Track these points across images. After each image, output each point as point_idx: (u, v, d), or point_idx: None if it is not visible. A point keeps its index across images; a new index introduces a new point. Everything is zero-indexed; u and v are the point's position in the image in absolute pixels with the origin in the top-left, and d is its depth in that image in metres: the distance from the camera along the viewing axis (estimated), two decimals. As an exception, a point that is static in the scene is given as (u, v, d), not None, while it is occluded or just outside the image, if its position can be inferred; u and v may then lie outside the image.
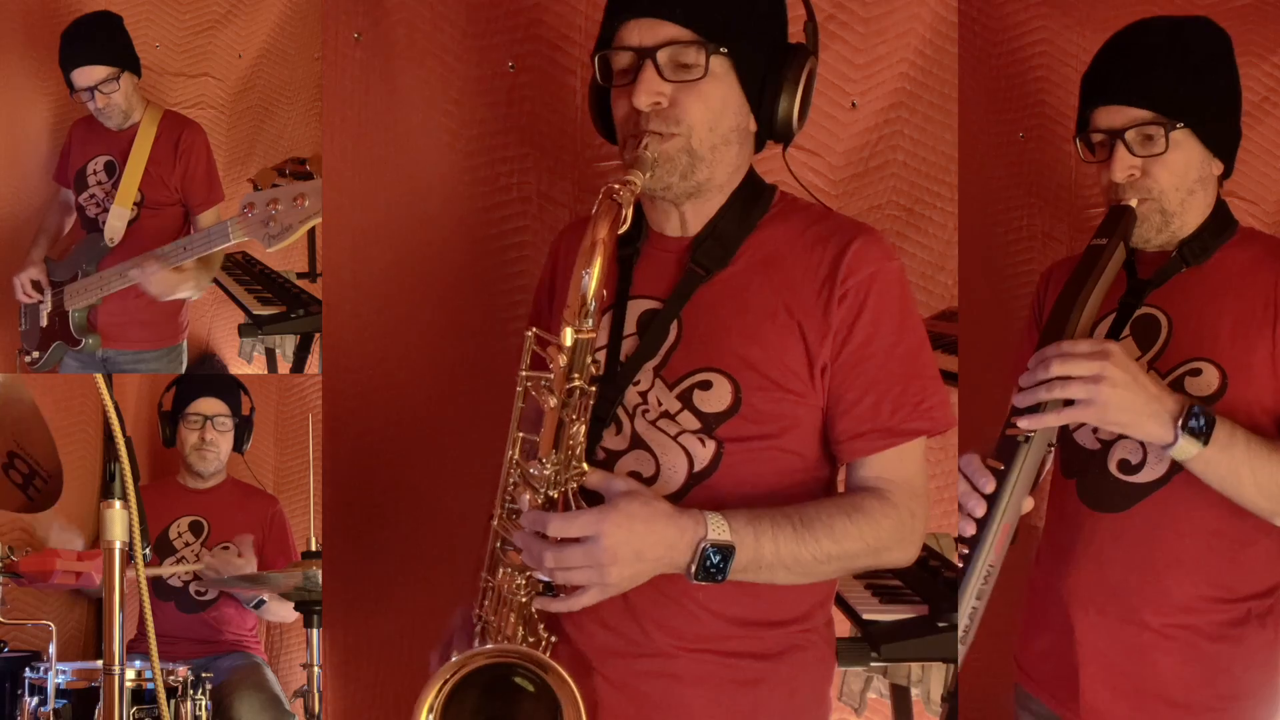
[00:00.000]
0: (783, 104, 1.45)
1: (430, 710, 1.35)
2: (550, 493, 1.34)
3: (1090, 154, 1.65)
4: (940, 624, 1.87)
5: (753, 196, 1.50)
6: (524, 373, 1.39)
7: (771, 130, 1.47)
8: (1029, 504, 1.57)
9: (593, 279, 1.29)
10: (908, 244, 2.24)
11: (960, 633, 1.54)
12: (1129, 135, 1.57)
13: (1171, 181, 1.58)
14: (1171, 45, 1.61)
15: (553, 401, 1.33)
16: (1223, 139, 1.63)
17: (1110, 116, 1.60)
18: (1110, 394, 1.45)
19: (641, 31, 1.40)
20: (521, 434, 1.41)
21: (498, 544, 1.44)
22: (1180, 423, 1.45)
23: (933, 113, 2.21)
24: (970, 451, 1.62)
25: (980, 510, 1.53)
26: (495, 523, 1.44)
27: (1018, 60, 2.49)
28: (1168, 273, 1.63)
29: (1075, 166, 2.49)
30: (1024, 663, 1.78)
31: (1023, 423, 1.50)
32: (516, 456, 1.42)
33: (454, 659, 1.36)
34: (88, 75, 2.56)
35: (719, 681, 1.44)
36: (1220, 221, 1.64)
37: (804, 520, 1.37)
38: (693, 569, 1.33)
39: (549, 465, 1.33)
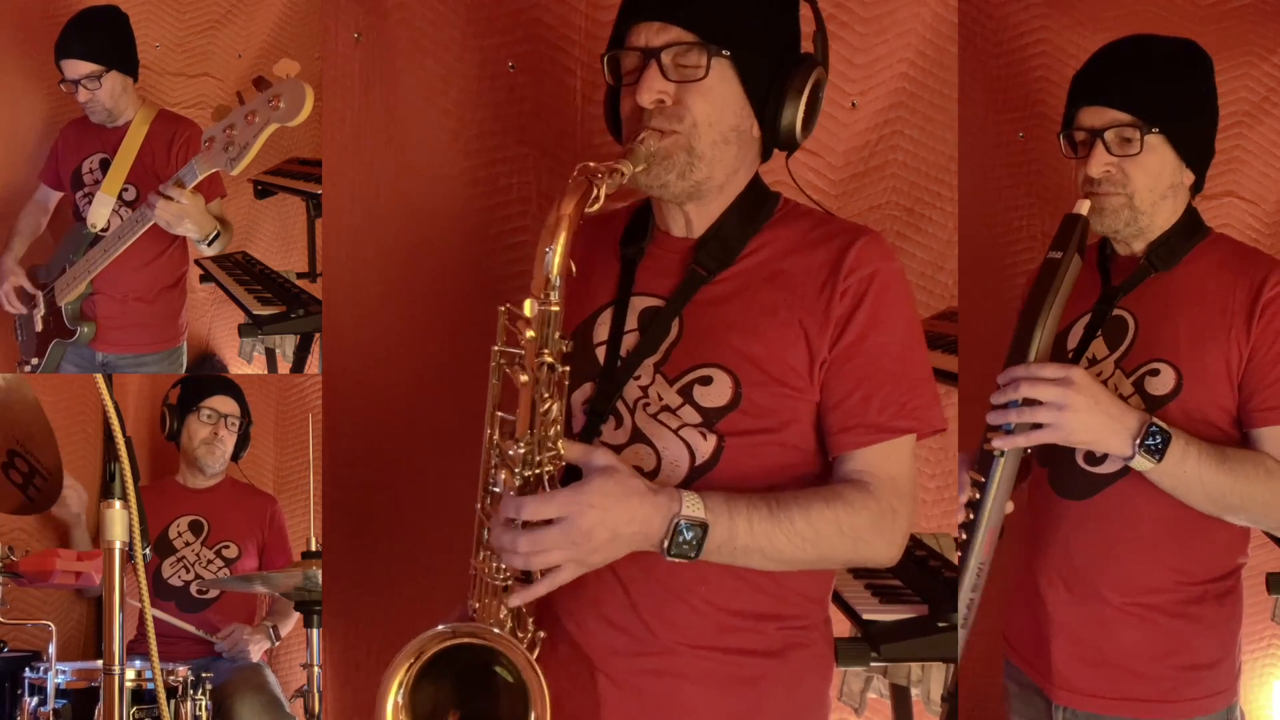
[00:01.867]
0: (786, 112, 1.47)
1: (400, 686, 1.35)
2: (526, 473, 1.33)
3: (1072, 151, 1.76)
4: (940, 624, 1.87)
5: (757, 201, 1.53)
6: (496, 348, 1.40)
7: (776, 138, 1.50)
8: (1010, 507, 1.71)
9: (555, 255, 1.31)
10: (908, 244, 2.24)
11: (960, 619, 1.71)
12: (1108, 135, 1.68)
13: (1146, 182, 1.70)
14: (1156, 58, 1.73)
15: (524, 377, 1.33)
16: (1196, 150, 1.73)
17: (1092, 116, 1.71)
18: (1073, 420, 1.58)
19: (648, 34, 1.44)
20: (500, 414, 1.41)
21: (483, 531, 1.43)
22: (1138, 442, 1.57)
23: (933, 113, 2.21)
24: (961, 454, 1.77)
25: (959, 518, 1.70)
26: (479, 507, 1.44)
27: (1018, 60, 2.49)
28: (1137, 278, 1.75)
29: (1075, 166, 2.49)
30: (1009, 635, 1.90)
31: (996, 442, 1.65)
32: (496, 437, 1.41)
33: (415, 639, 1.38)
34: (73, 68, 2.56)
35: (720, 679, 1.44)
36: (1189, 227, 1.75)
37: (780, 503, 1.38)
38: (666, 544, 1.33)
39: (523, 445, 1.33)
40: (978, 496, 1.67)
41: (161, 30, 2.90)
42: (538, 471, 1.34)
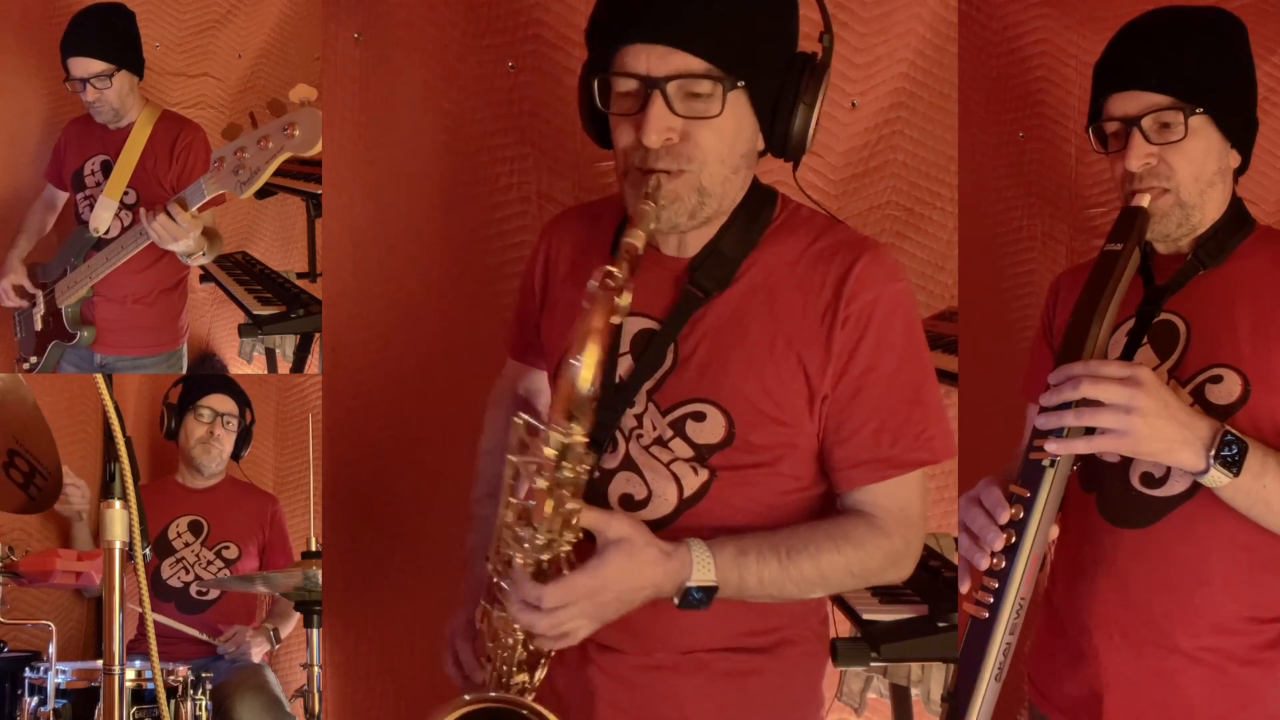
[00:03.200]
0: (797, 125, 1.37)
1: None
2: (543, 557, 1.31)
3: (1103, 146, 1.57)
4: (940, 624, 1.87)
5: (755, 211, 1.43)
6: (513, 458, 1.32)
7: (784, 149, 1.39)
8: (1054, 531, 1.49)
9: (584, 367, 1.23)
10: (908, 244, 2.24)
11: (995, 670, 1.42)
12: (1145, 122, 1.49)
13: (1191, 171, 1.51)
14: (1189, 31, 1.54)
15: (542, 483, 1.28)
16: (1240, 129, 1.56)
17: (1125, 103, 1.51)
18: (1142, 426, 1.37)
19: (650, 59, 1.30)
20: (514, 500, 1.35)
21: (494, 580, 1.42)
22: (1213, 453, 1.37)
23: (933, 113, 2.20)
24: (987, 478, 1.53)
25: (999, 543, 1.42)
26: (490, 566, 1.41)
27: (1018, 60, 2.49)
28: (1185, 276, 1.56)
29: (1075, 166, 2.49)
30: (1039, 683, 1.70)
31: (1050, 446, 1.41)
32: (510, 519, 1.35)
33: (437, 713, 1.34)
34: (83, 66, 2.52)
35: (713, 673, 1.44)
36: (1237, 219, 1.57)
37: (790, 552, 1.36)
38: (676, 601, 1.34)
39: (541, 534, 1.30)
40: (1020, 515, 1.42)
41: (161, 30, 2.90)
42: (555, 554, 1.32)
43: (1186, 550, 1.49)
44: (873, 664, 1.86)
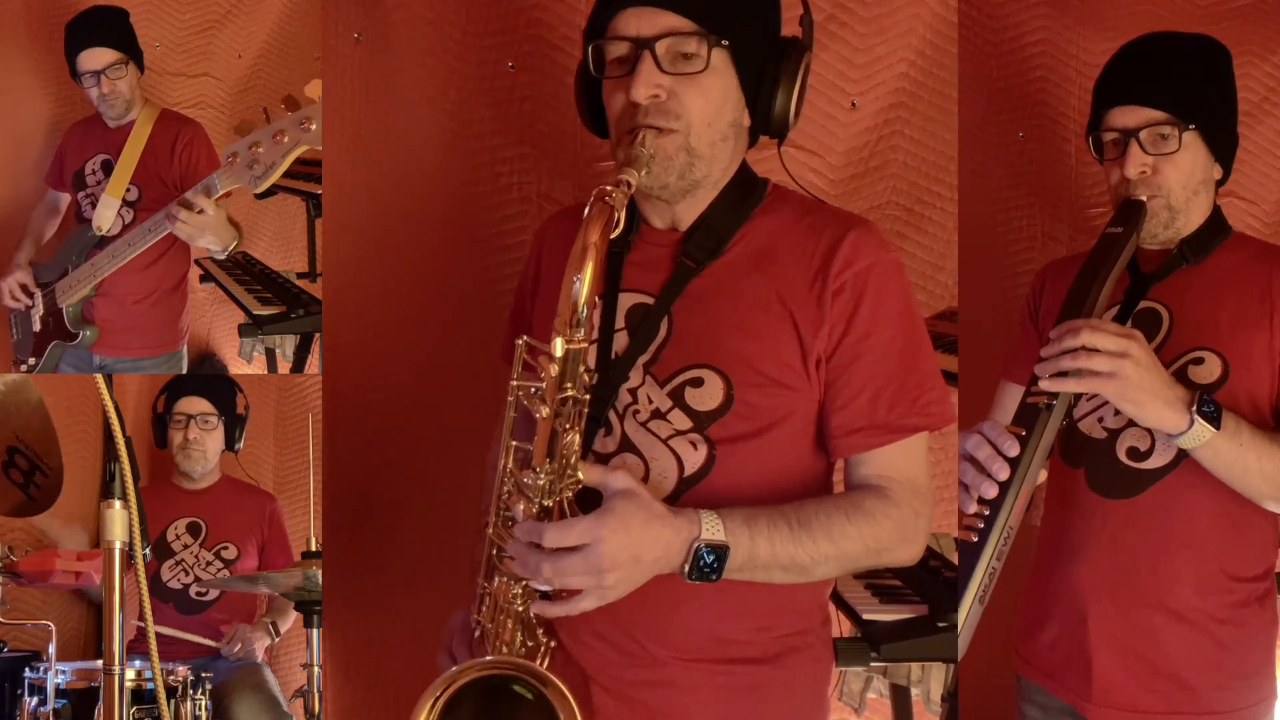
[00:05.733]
0: (780, 99, 1.42)
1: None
2: (545, 502, 1.32)
3: (1099, 153, 1.74)
4: (940, 624, 1.87)
5: (745, 189, 1.48)
6: (515, 382, 1.35)
7: (768, 126, 1.45)
8: (1042, 475, 1.63)
9: (584, 285, 1.25)
10: (908, 244, 2.24)
11: (979, 591, 1.55)
12: (1143, 134, 1.67)
13: (1179, 180, 1.68)
14: (1184, 54, 1.72)
15: (545, 411, 1.30)
16: (1225, 146, 1.73)
17: (1125, 116, 1.69)
18: (1133, 372, 1.52)
19: (639, 21, 1.37)
20: (515, 443, 1.38)
21: (493, 551, 1.42)
22: (1194, 408, 1.53)
23: (933, 113, 2.21)
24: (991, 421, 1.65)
25: (1004, 473, 1.56)
26: (490, 531, 1.42)
27: (1018, 60, 2.49)
28: (1169, 268, 1.73)
29: (1075, 166, 2.49)
30: (1027, 654, 1.82)
31: (1045, 383, 1.57)
32: (511, 465, 1.38)
33: (447, 671, 1.34)
34: (95, 58, 2.54)
35: (716, 688, 1.42)
36: (1217, 224, 1.75)
37: (801, 520, 1.36)
38: (686, 568, 1.32)
39: (543, 475, 1.31)
40: (1017, 453, 1.56)
41: (161, 30, 2.90)
42: (557, 499, 1.32)
43: (1171, 517, 1.65)
44: (873, 664, 1.86)
